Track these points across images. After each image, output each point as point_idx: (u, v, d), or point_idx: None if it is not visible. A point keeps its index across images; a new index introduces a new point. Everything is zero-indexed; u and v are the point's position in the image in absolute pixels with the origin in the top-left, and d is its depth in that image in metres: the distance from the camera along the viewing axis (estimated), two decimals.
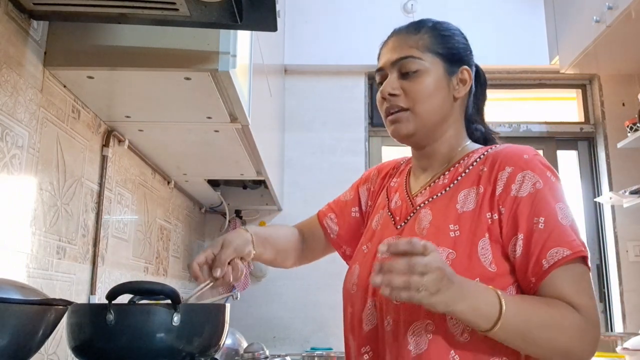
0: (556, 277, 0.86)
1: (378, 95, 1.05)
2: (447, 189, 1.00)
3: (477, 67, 1.12)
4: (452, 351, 0.87)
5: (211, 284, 1.03)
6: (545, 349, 0.84)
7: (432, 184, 1.03)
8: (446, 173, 1.02)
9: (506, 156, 0.95)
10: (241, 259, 1.06)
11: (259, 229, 1.15)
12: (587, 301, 0.86)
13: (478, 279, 0.87)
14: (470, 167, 0.99)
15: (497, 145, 1.02)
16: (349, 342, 1.03)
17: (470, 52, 1.08)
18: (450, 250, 0.90)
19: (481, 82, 1.13)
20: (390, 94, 1.01)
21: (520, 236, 0.88)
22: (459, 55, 1.04)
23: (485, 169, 0.96)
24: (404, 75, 1.01)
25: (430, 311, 0.87)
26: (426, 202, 1.01)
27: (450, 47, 1.03)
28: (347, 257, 1.21)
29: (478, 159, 1.00)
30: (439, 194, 1.00)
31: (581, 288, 0.87)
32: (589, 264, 0.90)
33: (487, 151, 1.00)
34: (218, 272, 1.01)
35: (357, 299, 1.00)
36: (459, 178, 1.00)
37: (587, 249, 0.89)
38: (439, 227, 0.95)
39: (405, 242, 0.77)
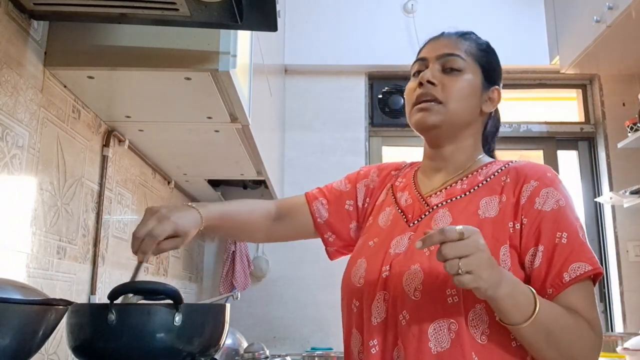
0: (574, 290, 0.89)
1: (412, 84, 1.07)
2: (467, 193, 1.02)
3: None
4: (473, 353, 0.88)
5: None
6: (561, 353, 0.86)
7: (448, 187, 1.05)
8: (464, 179, 1.05)
9: (531, 171, 0.99)
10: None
11: (213, 207, 1.10)
12: (597, 317, 0.90)
13: None
14: (492, 177, 1.02)
15: (517, 160, 1.05)
16: (353, 336, 1.03)
17: (501, 74, 1.12)
18: None
19: (496, 118, 1.16)
20: (429, 81, 1.03)
21: (541, 248, 0.91)
22: (494, 73, 1.09)
23: (509, 180, 0.99)
24: (446, 70, 1.04)
25: (453, 310, 0.90)
26: (443, 203, 1.02)
27: (490, 62, 1.08)
28: (329, 244, 1.21)
29: (500, 170, 1.03)
30: (458, 197, 1.02)
31: (592, 303, 0.91)
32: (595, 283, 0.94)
33: (507, 164, 1.04)
34: (147, 259, 0.98)
35: (365, 292, 1.00)
36: (480, 185, 1.02)
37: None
38: None
39: (438, 232, 0.78)
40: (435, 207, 1.03)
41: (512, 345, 0.90)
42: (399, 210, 1.08)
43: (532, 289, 0.85)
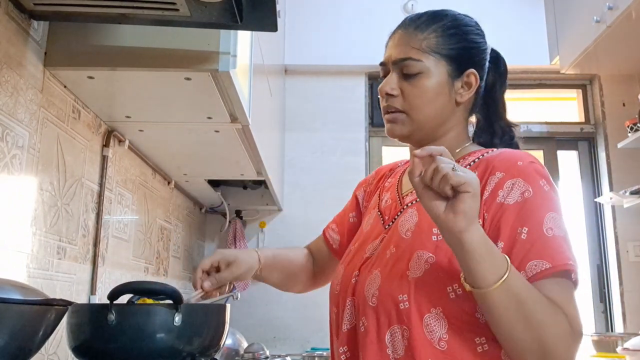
0: (542, 287, 0.80)
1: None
2: None
3: (496, 54, 1.07)
4: (430, 359, 0.84)
5: (202, 294, 1.04)
6: (532, 334, 0.77)
7: None
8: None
9: (501, 161, 0.91)
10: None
11: (269, 251, 1.15)
12: (573, 311, 0.81)
13: (457, 284, 0.84)
14: None
15: (494, 150, 0.98)
16: (333, 342, 1.02)
17: (483, 50, 1.02)
18: (430, 255, 0.87)
19: (500, 71, 1.07)
20: (388, 94, 0.98)
21: (500, 244, 0.83)
22: (466, 57, 0.99)
23: (477, 173, 0.91)
24: (405, 76, 0.97)
25: (404, 316, 0.85)
26: (414, 201, 0.98)
27: (457, 49, 0.98)
28: None
29: (472, 163, 0.96)
30: None
31: (566, 298, 0.81)
32: (576, 278, 0.84)
33: (482, 155, 0.97)
34: (208, 286, 1.04)
35: (339, 298, 0.99)
36: None
37: (576, 262, 0.83)
38: (423, 230, 0.91)
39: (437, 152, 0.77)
40: (406, 206, 0.99)
41: (477, 351, 0.84)
42: (379, 212, 1.05)
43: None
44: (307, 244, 1.28)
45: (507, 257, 0.78)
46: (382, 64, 1.03)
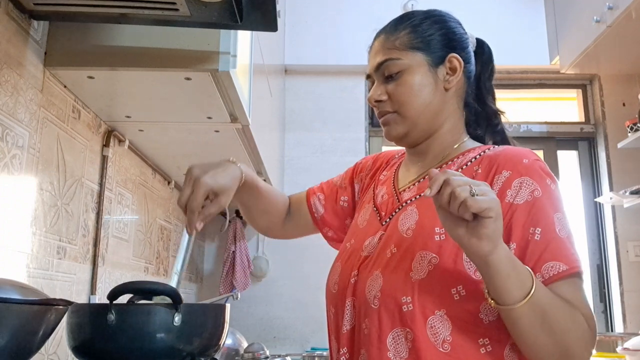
0: (555, 288, 0.81)
1: None
2: None
3: (481, 42, 1.07)
4: None
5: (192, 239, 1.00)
6: (555, 340, 0.78)
7: (421, 180, 0.98)
8: (438, 170, 0.97)
9: (504, 159, 0.90)
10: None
11: (251, 172, 1.08)
12: (589, 311, 0.82)
13: (461, 285, 0.84)
14: (464, 167, 0.94)
15: (496, 146, 0.97)
16: (332, 343, 1.00)
17: (459, 34, 1.02)
18: (434, 255, 0.86)
19: (484, 58, 1.06)
20: (377, 101, 0.99)
21: (513, 245, 0.83)
22: (443, 43, 0.99)
23: (480, 171, 0.91)
24: (388, 78, 0.98)
25: (408, 319, 0.84)
26: (413, 198, 0.96)
27: (431, 38, 0.98)
28: (329, 239, 1.20)
29: (473, 159, 0.95)
30: None
31: (581, 298, 0.82)
32: (583, 279, 0.85)
33: (484, 151, 0.95)
34: (201, 227, 1.00)
35: (338, 298, 0.97)
36: None
37: (581, 263, 0.84)
38: (424, 229, 0.90)
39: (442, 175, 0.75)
40: (405, 203, 0.97)
41: (481, 352, 0.83)
42: (374, 208, 1.03)
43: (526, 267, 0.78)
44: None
45: (530, 270, 0.78)
46: (368, 76, 1.04)
